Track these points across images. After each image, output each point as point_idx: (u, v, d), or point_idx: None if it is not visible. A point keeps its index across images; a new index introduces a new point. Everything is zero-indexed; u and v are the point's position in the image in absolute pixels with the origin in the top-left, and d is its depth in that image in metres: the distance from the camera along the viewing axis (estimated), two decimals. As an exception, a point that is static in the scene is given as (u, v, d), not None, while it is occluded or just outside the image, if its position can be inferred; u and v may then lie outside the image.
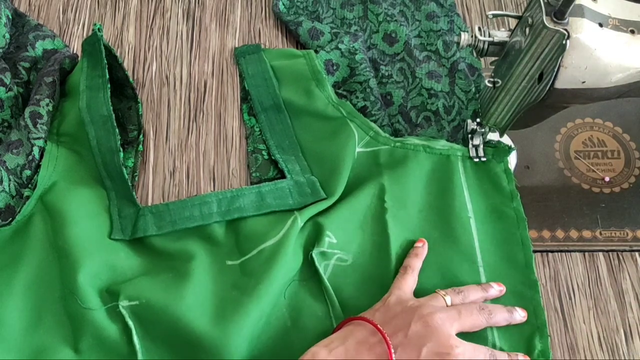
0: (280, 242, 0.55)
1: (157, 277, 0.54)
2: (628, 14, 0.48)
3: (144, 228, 0.57)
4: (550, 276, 0.59)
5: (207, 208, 0.57)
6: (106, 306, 0.53)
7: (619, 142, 0.65)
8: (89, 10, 0.72)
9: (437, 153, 0.61)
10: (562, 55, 0.46)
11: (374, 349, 0.48)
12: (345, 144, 0.61)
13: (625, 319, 0.57)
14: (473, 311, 0.51)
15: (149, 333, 0.52)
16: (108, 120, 0.59)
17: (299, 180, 0.60)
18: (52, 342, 0.52)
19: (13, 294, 0.53)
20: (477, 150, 0.62)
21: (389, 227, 0.57)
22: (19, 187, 0.57)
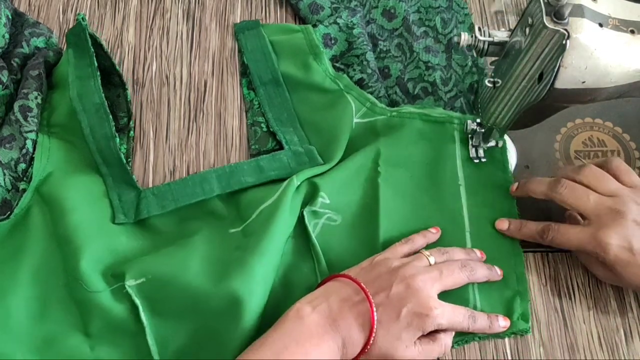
0: (278, 200, 0.56)
1: (160, 253, 0.55)
2: (628, 14, 0.48)
3: (147, 209, 0.58)
4: (550, 276, 0.59)
5: (207, 184, 0.59)
6: (111, 287, 0.53)
7: (619, 142, 0.65)
8: (89, 11, 0.72)
9: (433, 120, 0.63)
10: (562, 55, 0.46)
11: (356, 306, 0.50)
12: (342, 115, 0.63)
13: (625, 319, 0.57)
14: (454, 270, 0.53)
15: (157, 309, 0.53)
16: (101, 108, 0.60)
17: (297, 150, 0.62)
18: (61, 329, 0.52)
19: (18, 286, 0.53)
20: (477, 150, 0.62)
21: (380, 191, 0.59)
22: (15, 180, 0.58)
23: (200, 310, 0.52)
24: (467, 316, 0.52)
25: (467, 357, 0.55)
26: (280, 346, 0.47)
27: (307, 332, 0.48)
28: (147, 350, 0.52)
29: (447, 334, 0.52)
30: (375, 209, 0.59)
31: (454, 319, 0.51)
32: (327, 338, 0.48)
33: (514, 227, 0.58)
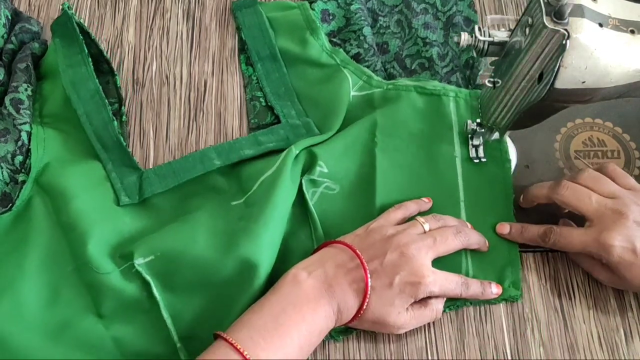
0: (278, 169, 0.58)
1: (166, 230, 0.56)
2: (628, 14, 0.48)
3: (150, 188, 0.59)
4: (550, 276, 0.59)
5: (207, 159, 0.60)
6: (121, 268, 0.54)
7: (619, 142, 0.65)
8: (89, 10, 0.72)
9: (429, 93, 0.64)
10: (562, 55, 0.46)
11: (351, 273, 0.51)
12: (339, 89, 0.65)
13: (625, 318, 0.57)
14: (448, 237, 0.55)
15: (168, 284, 0.54)
16: (96, 94, 0.61)
17: (294, 123, 0.64)
18: (73, 313, 0.53)
19: (26, 276, 0.53)
20: (477, 150, 0.62)
21: (377, 161, 0.61)
22: (13, 173, 0.58)
23: (211, 282, 0.53)
24: (460, 283, 0.54)
25: (467, 357, 0.55)
26: (278, 309, 0.49)
27: (304, 296, 0.50)
28: (161, 324, 0.53)
29: (438, 300, 0.54)
30: (372, 178, 0.60)
31: (447, 287, 0.53)
32: (323, 302, 0.50)
33: (515, 230, 0.58)
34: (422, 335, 0.56)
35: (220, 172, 0.61)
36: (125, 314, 0.53)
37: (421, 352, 0.55)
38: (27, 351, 0.50)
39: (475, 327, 0.56)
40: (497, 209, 0.60)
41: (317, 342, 0.51)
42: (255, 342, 0.47)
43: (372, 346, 0.55)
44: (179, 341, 0.52)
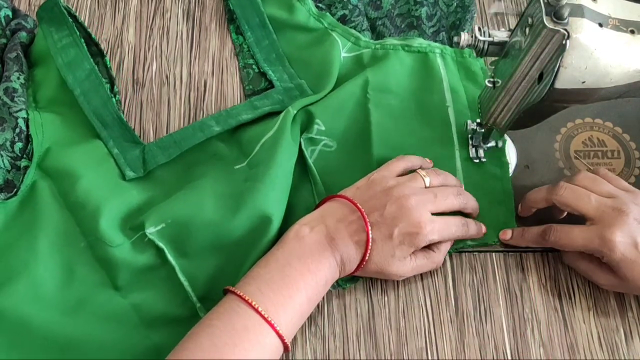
0: (278, 130, 0.59)
1: (173, 198, 0.57)
2: (628, 14, 0.48)
3: (153, 160, 0.59)
4: (550, 276, 0.59)
5: (207, 127, 0.61)
6: (133, 239, 0.55)
7: (619, 142, 0.65)
8: (89, 10, 0.72)
9: (415, 51, 0.67)
10: (562, 55, 0.46)
11: (352, 225, 0.53)
12: (330, 50, 0.66)
13: (625, 319, 0.57)
14: (449, 195, 0.56)
15: (181, 250, 0.54)
16: (92, 73, 0.62)
17: (287, 86, 0.65)
18: (90, 289, 0.54)
19: (39, 257, 0.54)
20: (477, 150, 0.62)
21: (371, 116, 0.62)
22: (14, 160, 0.59)
23: (223, 243, 0.54)
24: (461, 225, 0.56)
25: (467, 357, 0.55)
26: (283, 262, 0.50)
27: (307, 250, 0.51)
28: (178, 288, 0.54)
29: (439, 251, 0.55)
30: (368, 133, 0.62)
31: (447, 231, 0.54)
32: (327, 255, 0.52)
33: (517, 234, 0.58)
34: (422, 335, 0.56)
35: (220, 139, 0.62)
36: (141, 282, 0.54)
37: (421, 352, 0.55)
38: (48, 329, 0.51)
39: (475, 327, 0.56)
40: (491, 156, 0.62)
41: (324, 292, 0.52)
42: (264, 294, 0.49)
43: (372, 346, 0.55)
44: (198, 301, 0.54)
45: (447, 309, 0.57)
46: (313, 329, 0.56)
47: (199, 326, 0.48)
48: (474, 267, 0.59)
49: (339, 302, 0.57)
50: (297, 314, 0.50)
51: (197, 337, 0.47)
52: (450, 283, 0.58)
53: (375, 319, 0.56)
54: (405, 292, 0.57)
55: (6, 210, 0.56)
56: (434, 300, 0.57)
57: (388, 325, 0.56)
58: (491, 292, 0.58)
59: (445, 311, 0.57)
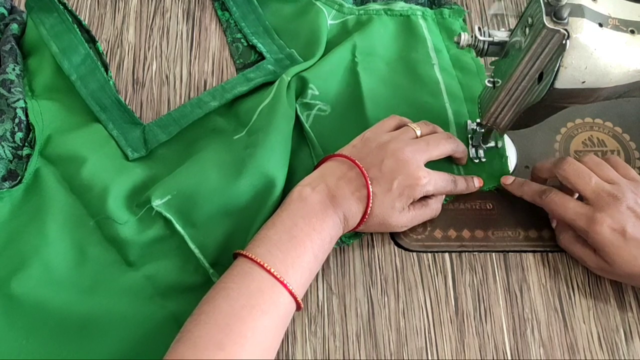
0: (275, 97, 0.61)
1: (176, 172, 0.58)
2: (628, 14, 0.48)
3: (155, 139, 0.60)
4: (550, 276, 0.59)
5: (204, 103, 0.62)
6: (139, 215, 0.56)
7: (619, 142, 0.65)
8: (89, 10, 0.72)
9: (397, 14, 0.69)
10: (562, 55, 0.46)
11: (352, 182, 0.54)
12: (316, 19, 0.68)
13: (625, 318, 0.57)
14: (441, 141, 0.58)
15: (188, 220, 0.55)
16: (87, 57, 0.63)
17: (278, 57, 0.67)
18: (103, 267, 0.55)
19: (49, 241, 0.55)
20: (477, 150, 0.62)
21: (360, 79, 0.64)
22: (15, 150, 0.59)
23: (230, 210, 0.56)
24: (450, 181, 0.58)
25: (467, 357, 0.55)
26: (289, 223, 0.52)
27: (311, 210, 0.53)
28: (190, 256, 0.55)
29: (436, 199, 0.58)
30: (359, 95, 0.64)
31: (440, 185, 0.57)
32: (330, 212, 0.53)
33: (517, 183, 0.60)
34: (422, 335, 0.56)
35: (218, 114, 0.63)
36: (153, 254, 0.55)
37: (421, 352, 0.55)
38: (65, 311, 0.52)
39: (475, 327, 0.56)
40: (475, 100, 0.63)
41: (329, 249, 0.54)
42: (273, 254, 0.50)
43: (372, 346, 0.55)
44: (210, 268, 0.55)
45: (447, 309, 0.57)
46: (313, 329, 0.56)
47: (214, 290, 0.49)
48: (474, 267, 0.59)
49: (339, 302, 0.57)
50: (306, 273, 0.51)
51: (214, 300, 0.48)
52: (450, 283, 0.58)
53: (375, 319, 0.56)
54: (405, 292, 0.58)
55: (12, 198, 0.57)
56: (434, 300, 0.57)
57: (388, 325, 0.56)
58: (491, 292, 0.58)
59: (445, 311, 0.57)
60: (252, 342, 0.47)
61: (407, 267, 0.59)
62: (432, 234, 0.60)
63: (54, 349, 0.51)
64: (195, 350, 0.45)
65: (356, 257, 0.59)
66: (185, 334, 0.47)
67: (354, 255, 0.59)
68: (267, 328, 0.48)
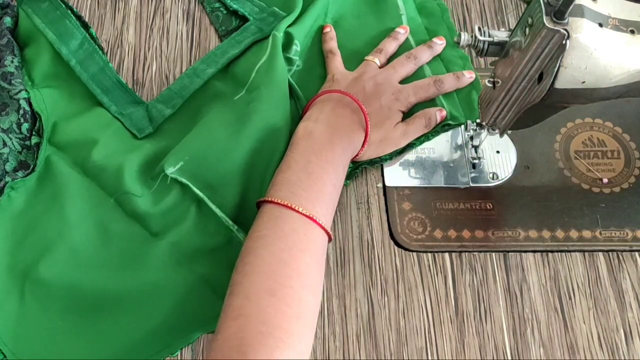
0: (271, 55, 0.62)
1: (187, 139, 0.59)
2: (628, 14, 0.48)
3: (161, 114, 0.61)
4: (550, 276, 0.59)
5: (200, 71, 0.63)
6: (155, 186, 0.56)
7: (619, 142, 0.65)
8: (89, 10, 0.72)
9: None
10: (562, 55, 0.46)
11: (346, 107, 0.59)
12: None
13: (625, 319, 0.57)
14: (403, 62, 0.64)
15: (204, 182, 0.57)
16: (85, 42, 0.63)
17: (261, 16, 0.68)
18: (128, 242, 0.56)
19: (72, 225, 0.56)
20: (477, 150, 0.62)
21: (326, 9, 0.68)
22: (23, 141, 0.60)
23: (241, 167, 0.57)
24: (432, 83, 0.63)
25: (467, 357, 0.55)
26: (303, 162, 0.55)
27: (319, 143, 0.56)
28: (211, 217, 0.56)
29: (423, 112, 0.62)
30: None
31: (421, 92, 0.62)
32: (336, 140, 0.56)
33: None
34: (422, 335, 0.56)
35: (215, 79, 0.64)
36: (174, 222, 0.56)
37: (421, 352, 0.55)
38: (99, 289, 0.53)
39: (475, 327, 0.56)
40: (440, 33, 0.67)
41: (343, 176, 0.57)
42: (297, 194, 0.52)
43: (372, 346, 0.55)
44: (234, 225, 0.56)
45: (447, 309, 0.57)
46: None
47: (251, 239, 0.51)
48: (474, 267, 0.59)
49: (339, 302, 0.57)
50: (330, 204, 0.54)
51: (254, 250, 0.50)
52: (450, 283, 0.58)
53: (375, 319, 0.56)
54: (405, 292, 0.58)
55: (26, 188, 0.58)
56: (434, 300, 0.57)
57: (388, 325, 0.56)
58: (491, 292, 0.58)
59: (445, 311, 0.57)
60: (299, 281, 0.49)
61: (407, 267, 0.59)
62: (432, 234, 0.60)
63: (90, 326, 0.52)
64: (248, 301, 0.47)
65: (356, 257, 0.59)
66: (236, 286, 0.49)
67: (354, 256, 0.59)
68: (309, 265, 0.50)
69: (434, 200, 0.62)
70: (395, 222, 0.60)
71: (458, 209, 0.61)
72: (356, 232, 0.60)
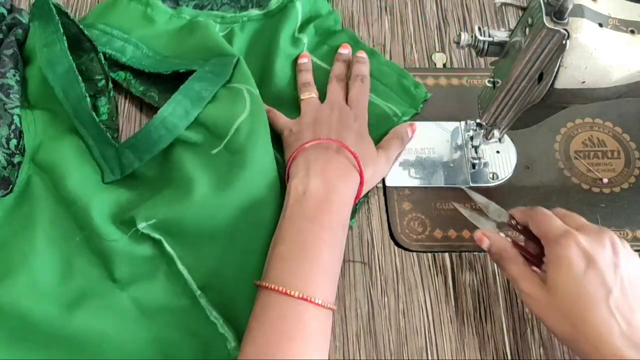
0: (253, 113, 0.58)
1: (162, 195, 0.57)
2: (628, 14, 0.48)
3: (129, 164, 0.59)
4: (550, 276, 0.58)
5: (168, 122, 0.58)
6: (128, 234, 0.55)
7: (619, 142, 0.65)
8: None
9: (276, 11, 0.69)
10: (562, 55, 0.46)
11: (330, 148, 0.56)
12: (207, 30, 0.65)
13: (625, 319, 0.57)
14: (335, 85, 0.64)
15: (176, 241, 0.55)
16: (70, 70, 0.60)
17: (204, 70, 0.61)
18: (88, 281, 0.54)
19: (38, 251, 0.54)
20: (477, 150, 0.62)
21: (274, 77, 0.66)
22: (9, 157, 0.59)
23: (219, 233, 0.55)
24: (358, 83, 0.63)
25: (467, 357, 0.55)
26: (295, 230, 0.51)
27: (312, 207, 0.52)
28: (177, 278, 0.54)
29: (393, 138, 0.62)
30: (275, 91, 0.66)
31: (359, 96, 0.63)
32: (332, 198, 0.53)
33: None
34: (422, 335, 0.56)
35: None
36: (140, 274, 0.54)
37: (421, 352, 0.55)
38: (47, 323, 0.51)
39: (475, 327, 0.56)
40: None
41: (344, 232, 0.53)
42: (288, 272, 0.49)
43: (372, 346, 0.55)
44: (198, 289, 0.54)
45: (447, 309, 0.57)
46: (313, 329, 0.55)
47: (245, 337, 0.48)
48: (474, 267, 0.59)
49: (339, 302, 0.57)
50: (329, 272, 0.50)
51: (243, 345, 0.48)
52: (450, 283, 0.58)
53: (375, 319, 0.56)
54: (405, 292, 0.58)
55: (3, 206, 0.57)
56: (434, 300, 0.57)
57: (388, 325, 0.56)
58: (491, 292, 0.58)
59: (445, 311, 0.57)
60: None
61: (407, 267, 0.59)
62: (432, 234, 0.60)
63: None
64: None
65: (356, 257, 0.59)
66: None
67: (354, 256, 0.59)
68: (300, 354, 0.46)
69: (434, 200, 0.62)
70: (395, 222, 0.60)
71: (458, 209, 0.61)
72: (356, 232, 0.60)
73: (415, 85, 0.66)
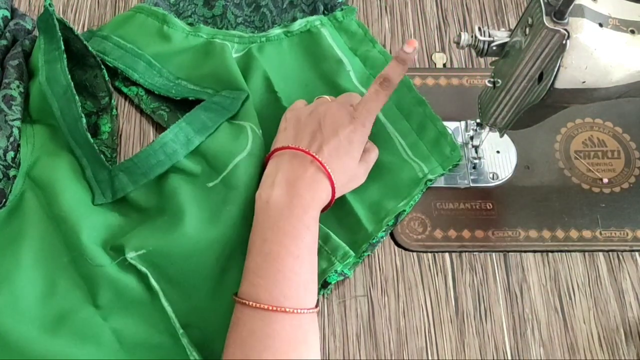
0: (252, 153, 0.57)
1: (153, 225, 0.56)
2: (628, 14, 0.48)
3: (121, 187, 0.58)
4: (550, 276, 0.59)
5: (169, 148, 0.58)
6: (116, 261, 0.54)
7: (619, 142, 0.65)
8: (89, 11, 0.72)
9: (298, 33, 0.68)
10: (562, 55, 0.46)
11: (297, 160, 0.54)
12: (222, 56, 0.65)
13: (625, 319, 0.57)
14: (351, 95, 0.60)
15: (163, 276, 0.54)
16: (68, 89, 0.60)
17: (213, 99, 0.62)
18: (71, 304, 0.53)
19: (22, 269, 0.54)
20: (477, 150, 0.62)
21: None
22: (5, 169, 0.58)
23: (208, 273, 0.54)
24: (376, 90, 0.56)
25: (467, 357, 0.55)
26: (259, 242, 0.51)
27: (276, 214, 0.51)
28: (161, 314, 0.53)
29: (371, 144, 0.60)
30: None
31: (371, 105, 0.56)
32: (295, 203, 0.51)
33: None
34: (422, 335, 0.56)
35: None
36: (123, 305, 0.54)
37: (421, 352, 0.55)
38: (25, 344, 0.51)
39: (475, 327, 0.56)
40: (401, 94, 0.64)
41: (313, 239, 0.52)
42: (255, 284, 0.49)
43: (372, 346, 0.55)
44: (181, 328, 0.53)
45: (447, 309, 0.57)
46: (313, 329, 0.56)
47: (224, 352, 0.49)
48: (474, 267, 0.59)
49: (339, 302, 0.57)
50: (294, 279, 0.49)
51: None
52: (450, 283, 0.58)
53: (375, 319, 0.56)
54: (405, 292, 0.58)
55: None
56: (434, 300, 0.57)
57: (388, 325, 0.56)
58: (491, 292, 0.58)
59: (445, 311, 0.57)
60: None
61: (407, 267, 0.59)
62: (432, 234, 0.60)
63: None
64: None
65: (356, 257, 0.59)
66: None
67: (354, 255, 0.59)
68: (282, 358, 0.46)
69: (434, 200, 0.62)
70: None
71: (458, 209, 0.61)
72: (356, 232, 0.60)
73: (453, 148, 0.62)
